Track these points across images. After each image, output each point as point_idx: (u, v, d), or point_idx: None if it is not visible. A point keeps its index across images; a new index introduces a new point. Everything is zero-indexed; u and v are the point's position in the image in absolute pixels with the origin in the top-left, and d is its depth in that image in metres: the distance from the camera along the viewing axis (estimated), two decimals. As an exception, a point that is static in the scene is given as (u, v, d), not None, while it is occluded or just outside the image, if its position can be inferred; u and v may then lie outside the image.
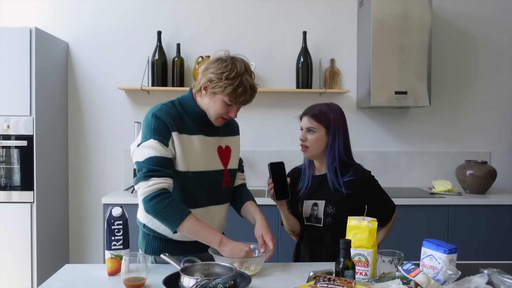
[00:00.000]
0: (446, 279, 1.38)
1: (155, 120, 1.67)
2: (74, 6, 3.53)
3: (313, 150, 1.93)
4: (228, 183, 1.86)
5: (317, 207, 1.95)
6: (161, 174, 1.63)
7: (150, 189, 1.61)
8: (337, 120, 1.93)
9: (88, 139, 3.57)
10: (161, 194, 1.62)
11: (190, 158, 1.72)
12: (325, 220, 1.92)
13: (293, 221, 2.01)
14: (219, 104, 1.70)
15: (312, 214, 1.97)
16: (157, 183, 1.62)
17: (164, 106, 1.73)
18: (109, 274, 1.62)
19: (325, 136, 1.93)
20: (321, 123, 1.92)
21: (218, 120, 1.75)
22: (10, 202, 2.98)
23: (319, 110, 1.94)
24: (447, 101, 3.68)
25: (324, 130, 1.92)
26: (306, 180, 2.01)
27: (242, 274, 1.50)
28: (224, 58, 1.70)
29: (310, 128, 1.93)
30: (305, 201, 2.00)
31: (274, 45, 3.58)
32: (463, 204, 3.13)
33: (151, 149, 1.64)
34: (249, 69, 1.72)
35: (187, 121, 1.74)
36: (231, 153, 1.87)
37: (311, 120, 1.93)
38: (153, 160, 1.64)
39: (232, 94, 1.66)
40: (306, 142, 1.93)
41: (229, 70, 1.65)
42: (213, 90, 1.68)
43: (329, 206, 1.91)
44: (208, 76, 1.68)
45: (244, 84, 1.67)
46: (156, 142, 1.65)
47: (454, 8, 3.64)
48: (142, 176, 1.63)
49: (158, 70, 3.42)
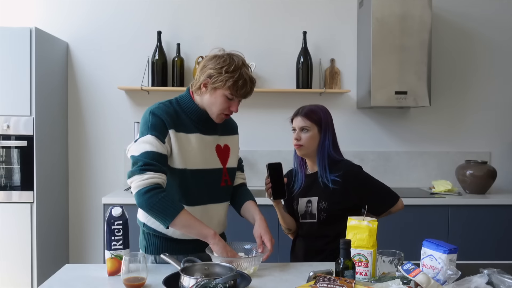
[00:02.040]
0: (446, 279, 1.38)
1: (152, 117, 1.69)
2: (74, 6, 3.53)
3: (307, 148, 1.99)
4: (227, 181, 1.86)
5: (311, 203, 2.02)
6: (156, 169, 1.63)
7: (144, 182, 1.61)
8: (326, 119, 2.02)
9: (88, 139, 3.57)
10: (155, 188, 1.61)
11: (188, 156, 1.73)
12: (319, 215, 1.98)
13: (289, 219, 2.09)
14: (220, 99, 1.71)
15: (306, 210, 2.03)
16: (152, 177, 1.62)
17: (161, 104, 1.75)
18: (109, 274, 1.62)
19: (318, 134, 2.00)
20: (314, 121, 1.99)
21: (220, 117, 1.77)
22: (10, 202, 2.98)
23: (310, 109, 2.02)
24: (447, 101, 3.68)
25: (316, 128, 1.99)
26: (300, 179, 2.09)
27: (242, 274, 1.50)
28: (221, 54, 1.73)
29: (304, 127, 1.99)
30: (299, 199, 2.06)
31: (274, 45, 3.58)
32: (463, 204, 3.13)
33: (148, 144, 1.65)
34: (246, 63, 1.75)
35: (185, 120, 1.75)
36: (230, 152, 1.88)
37: (304, 119, 1.99)
38: (149, 154, 1.64)
39: (233, 87, 1.69)
40: (301, 141, 1.99)
41: (228, 64, 1.68)
42: (213, 85, 1.69)
43: (322, 202, 1.97)
44: (207, 72, 1.70)
45: (244, 76, 1.69)
46: (153, 138, 1.66)
47: (454, 8, 3.64)
48: (137, 169, 1.63)
49: (158, 70, 3.42)
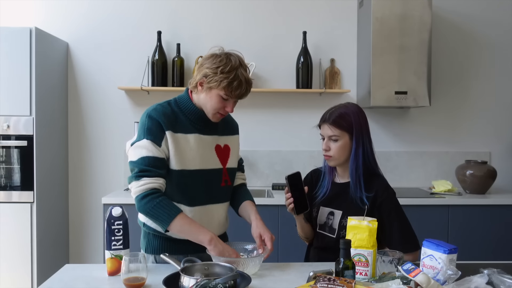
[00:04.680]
0: (446, 279, 1.38)
1: (148, 120, 1.70)
2: (74, 6, 3.53)
3: (338, 159, 1.82)
4: (227, 182, 1.86)
5: (333, 216, 1.85)
6: (152, 174, 1.66)
7: (140, 188, 1.65)
8: (358, 122, 1.79)
9: (88, 139, 3.57)
10: (151, 193, 1.64)
11: (186, 157, 1.73)
12: (339, 232, 1.80)
13: (309, 229, 1.95)
14: (215, 99, 1.70)
15: (326, 222, 1.87)
16: (148, 183, 1.65)
17: (159, 106, 1.75)
18: (109, 274, 1.62)
19: (349, 142, 1.80)
20: (343, 129, 1.78)
21: (216, 116, 1.75)
22: (10, 202, 2.98)
23: (339, 114, 1.80)
24: (447, 101, 3.68)
25: (347, 136, 1.79)
26: (325, 185, 1.90)
27: (242, 274, 1.50)
28: (219, 53, 1.71)
29: (332, 136, 1.79)
30: (321, 208, 1.89)
31: (274, 45, 3.58)
32: (463, 204, 3.13)
33: (143, 149, 1.67)
34: (244, 63, 1.72)
35: (183, 120, 1.75)
36: (230, 152, 1.87)
37: (332, 128, 1.79)
38: (145, 160, 1.66)
39: (228, 88, 1.67)
40: (330, 152, 1.81)
41: (223, 65, 1.66)
42: (208, 85, 1.69)
43: (346, 218, 1.71)
44: (203, 71, 1.70)
45: (239, 77, 1.67)
46: (149, 142, 1.67)
47: (454, 8, 3.64)
48: (133, 176, 1.67)
49: (158, 70, 3.42)
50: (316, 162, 2.09)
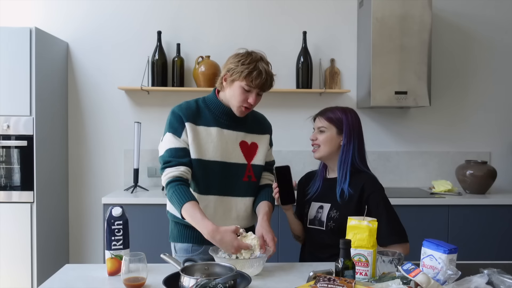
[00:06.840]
0: (446, 279, 1.38)
1: (171, 115, 1.86)
2: (74, 6, 3.52)
3: (323, 150, 1.93)
4: (250, 177, 1.92)
5: (322, 210, 1.93)
6: (173, 163, 1.79)
7: (164, 178, 1.80)
8: (351, 123, 1.92)
9: (88, 139, 3.57)
10: (171, 182, 1.76)
11: (205, 148, 1.84)
12: (327, 223, 1.88)
13: (298, 226, 2.02)
14: (238, 90, 1.80)
15: (316, 216, 1.94)
16: (169, 172, 1.78)
17: (184, 102, 1.90)
18: (109, 274, 1.63)
19: (336, 137, 1.92)
20: (332, 122, 1.92)
21: (240, 109, 1.84)
22: (10, 202, 2.98)
23: (331, 111, 1.96)
24: (447, 101, 3.68)
25: (335, 130, 1.92)
26: (317, 183, 2.00)
27: (242, 274, 1.50)
28: (242, 52, 1.84)
29: (321, 127, 1.94)
30: (312, 203, 1.98)
31: (274, 45, 3.58)
32: (463, 204, 3.13)
33: (166, 142, 1.83)
34: (265, 59, 1.83)
35: (206, 114, 1.87)
36: (257, 149, 1.94)
37: (322, 119, 1.95)
38: (167, 152, 1.82)
39: (248, 78, 1.76)
40: (317, 141, 1.95)
41: (244, 58, 1.79)
42: (231, 78, 1.80)
43: (333, 210, 1.88)
44: (227, 67, 1.83)
45: (259, 68, 1.77)
46: (170, 135, 1.83)
47: (454, 8, 3.64)
48: (160, 168, 1.84)
49: (158, 70, 3.42)
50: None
